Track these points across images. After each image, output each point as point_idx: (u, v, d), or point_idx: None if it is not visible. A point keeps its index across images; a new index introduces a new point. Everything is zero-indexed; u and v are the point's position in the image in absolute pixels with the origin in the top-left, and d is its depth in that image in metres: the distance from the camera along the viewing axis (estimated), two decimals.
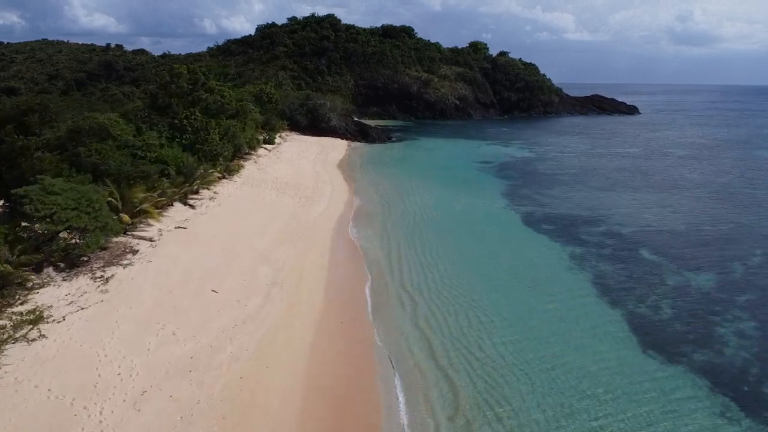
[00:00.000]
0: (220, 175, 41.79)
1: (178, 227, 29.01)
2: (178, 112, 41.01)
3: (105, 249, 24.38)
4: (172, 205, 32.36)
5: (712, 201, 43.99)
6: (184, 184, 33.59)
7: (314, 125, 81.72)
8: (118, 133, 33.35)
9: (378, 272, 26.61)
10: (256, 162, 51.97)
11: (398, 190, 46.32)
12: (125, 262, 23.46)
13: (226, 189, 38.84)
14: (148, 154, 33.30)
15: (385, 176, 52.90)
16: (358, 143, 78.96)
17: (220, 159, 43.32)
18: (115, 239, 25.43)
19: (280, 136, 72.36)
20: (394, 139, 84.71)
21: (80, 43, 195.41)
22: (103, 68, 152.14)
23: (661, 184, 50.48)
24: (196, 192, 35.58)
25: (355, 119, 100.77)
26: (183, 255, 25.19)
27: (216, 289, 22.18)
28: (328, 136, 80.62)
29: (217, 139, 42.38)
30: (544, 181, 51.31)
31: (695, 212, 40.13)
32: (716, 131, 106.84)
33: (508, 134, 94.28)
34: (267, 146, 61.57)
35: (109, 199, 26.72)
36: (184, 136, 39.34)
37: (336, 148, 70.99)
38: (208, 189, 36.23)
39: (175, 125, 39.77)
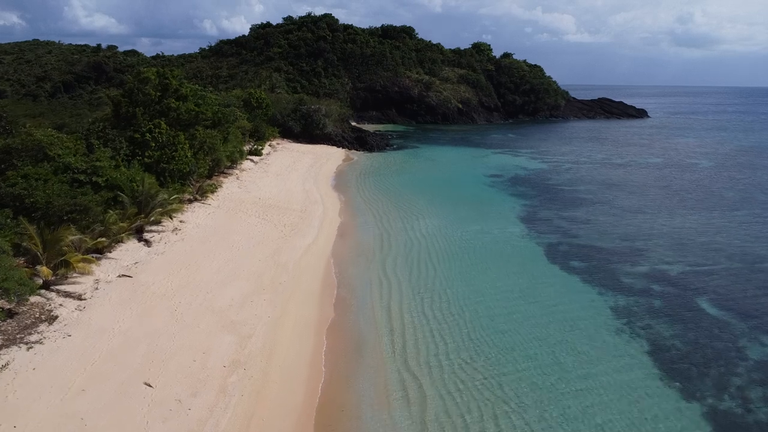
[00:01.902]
0: (191, 197, 35.89)
1: (122, 275, 23.03)
2: (141, 124, 35.01)
3: (12, 316, 18.43)
4: (122, 241, 26.40)
5: (765, 227, 38.01)
6: (138, 216, 27.58)
7: (308, 132, 75.93)
8: (59, 153, 27.39)
9: (375, 341, 20.61)
10: (238, 178, 46.05)
11: (399, 212, 40.36)
12: (33, 338, 17.47)
13: (195, 216, 32.85)
14: (95, 178, 27.33)
15: (385, 193, 46.97)
16: (356, 152, 73.11)
17: (193, 177, 37.42)
18: (31, 299, 19.49)
19: (270, 145, 66.54)
20: (394, 146, 78.87)
21: (74, 44, 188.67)
22: (92, 70, 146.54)
23: (698, 204, 44.50)
24: (158, 222, 29.60)
25: (353, 124, 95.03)
26: (117, 322, 19.21)
27: (151, 382, 16.21)
28: (323, 143, 74.89)
29: (189, 154, 36.44)
30: (563, 200, 45.33)
31: (749, 243, 34.15)
32: (736, 137, 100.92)
33: (515, 141, 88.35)
34: (253, 158, 55.66)
35: (25, 245, 20.78)
36: (146, 153, 33.36)
37: (331, 158, 65.06)
38: (171, 219, 30.21)
39: (136, 140, 33.78)
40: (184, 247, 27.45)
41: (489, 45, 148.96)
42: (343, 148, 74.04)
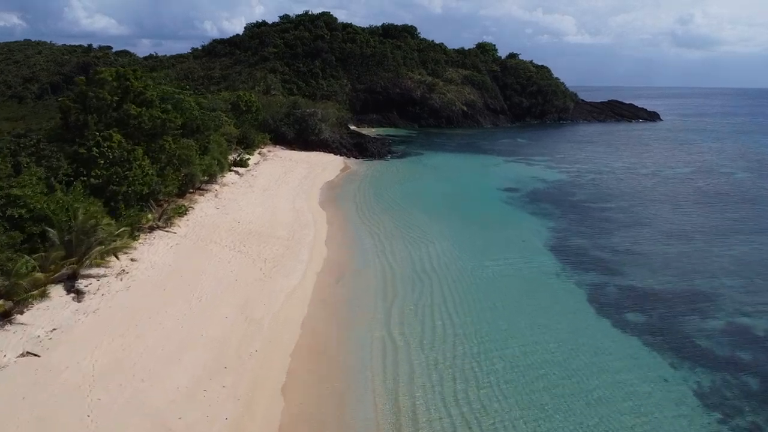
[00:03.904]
0: (152, 225, 29.61)
1: (27, 354, 16.72)
2: (91, 135, 28.71)
3: None
4: (45, 295, 20.09)
5: None
6: (67, 259, 21.28)
7: (303, 138, 69.56)
8: None
9: None
10: (216, 195, 39.72)
11: (404, 235, 34.13)
12: None
13: (153, 251, 26.49)
14: (10, 210, 21.03)
15: (387, 211, 40.66)
16: (355, 159, 66.85)
17: (157, 199, 31.17)
18: None
19: (259, 153, 60.28)
20: (396, 153, 72.52)
21: (67, 45, 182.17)
22: (81, 71, 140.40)
23: (754, 227, 38.08)
24: (98, 264, 23.28)
25: (352, 127, 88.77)
26: None
27: None
28: (319, 150, 68.49)
29: (151, 172, 30.16)
30: (595, 221, 39.00)
31: None
32: (759, 141, 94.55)
33: (526, 147, 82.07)
34: (238, 169, 49.37)
35: None
36: (93, 173, 27.08)
37: (327, 168, 58.77)
38: (117, 258, 23.89)
39: (82, 156, 27.47)
40: (127, 301, 21.11)
41: (494, 45, 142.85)
42: (340, 155, 67.75)
